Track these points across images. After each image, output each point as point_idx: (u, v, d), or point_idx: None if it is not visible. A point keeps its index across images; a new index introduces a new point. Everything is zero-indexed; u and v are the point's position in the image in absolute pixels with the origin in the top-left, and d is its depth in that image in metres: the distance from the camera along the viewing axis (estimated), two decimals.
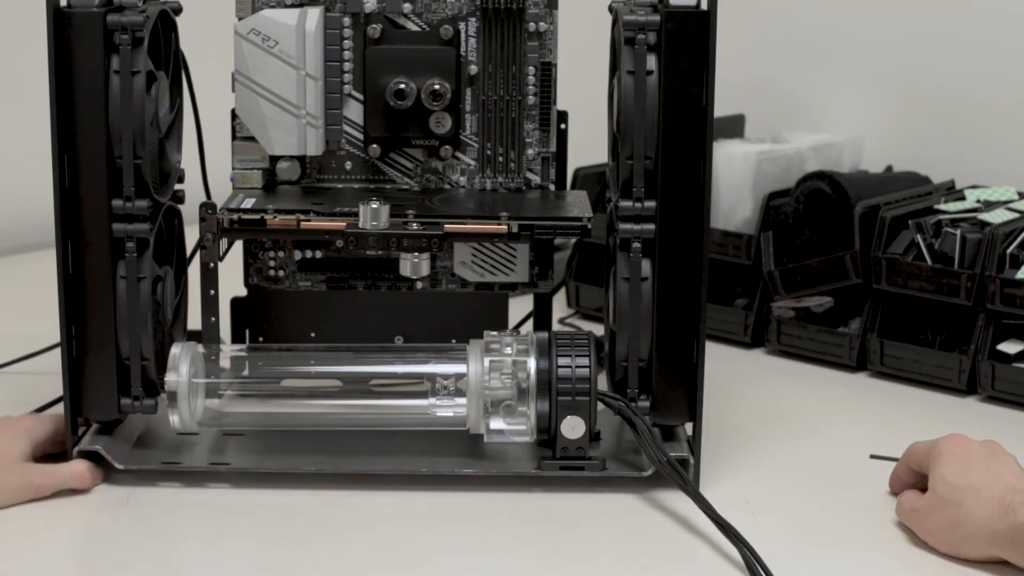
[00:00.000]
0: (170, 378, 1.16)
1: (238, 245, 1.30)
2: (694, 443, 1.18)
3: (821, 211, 1.55)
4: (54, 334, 1.19)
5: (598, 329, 1.41)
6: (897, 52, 1.87)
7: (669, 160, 1.15)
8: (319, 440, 1.21)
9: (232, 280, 1.30)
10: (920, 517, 1.08)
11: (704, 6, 1.14)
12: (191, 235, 1.26)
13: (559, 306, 1.58)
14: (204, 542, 1.09)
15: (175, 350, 1.17)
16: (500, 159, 1.28)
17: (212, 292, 1.21)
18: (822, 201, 1.55)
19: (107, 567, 1.04)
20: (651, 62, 1.14)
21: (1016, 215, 1.46)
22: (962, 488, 1.05)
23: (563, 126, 1.29)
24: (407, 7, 1.26)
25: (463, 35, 1.26)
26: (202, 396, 1.18)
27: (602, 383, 1.20)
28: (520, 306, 1.41)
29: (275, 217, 1.19)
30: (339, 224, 1.18)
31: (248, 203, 1.22)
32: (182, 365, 1.17)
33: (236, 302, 1.32)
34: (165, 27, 1.21)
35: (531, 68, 1.27)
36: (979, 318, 1.40)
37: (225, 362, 1.20)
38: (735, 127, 1.80)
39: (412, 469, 1.18)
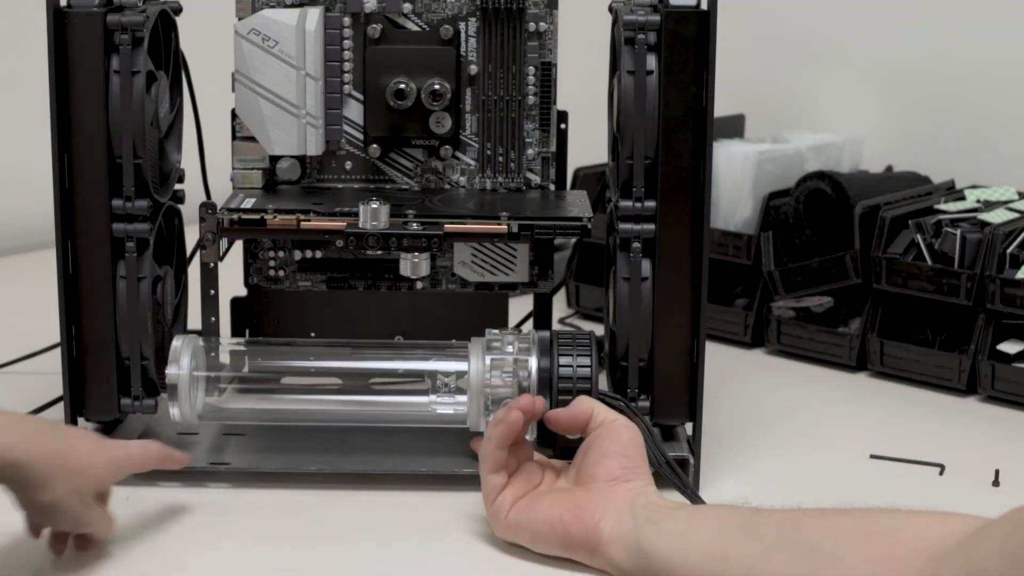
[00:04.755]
0: (171, 371, 1.16)
1: (238, 245, 1.30)
2: (694, 443, 1.18)
3: (821, 211, 1.55)
4: (54, 334, 1.19)
5: (598, 329, 1.41)
6: (897, 52, 1.87)
7: (669, 160, 1.15)
8: (319, 439, 1.22)
9: (232, 280, 1.30)
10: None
11: (704, 6, 1.14)
12: (191, 235, 1.26)
13: (559, 306, 1.58)
14: (204, 542, 1.08)
15: (176, 343, 1.17)
16: (500, 159, 1.28)
17: (212, 292, 1.21)
18: (822, 201, 1.55)
19: (107, 567, 1.04)
20: (651, 62, 1.14)
21: (1016, 215, 1.46)
22: None
23: (563, 126, 1.29)
24: (407, 7, 1.25)
25: (463, 35, 1.26)
26: (202, 390, 1.19)
27: (602, 383, 1.20)
28: (520, 306, 1.41)
29: (275, 217, 1.19)
30: (339, 224, 1.18)
31: (248, 203, 1.22)
32: (183, 358, 1.17)
33: (236, 302, 1.32)
34: (165, 27, 1.22)
35: (531, 68, 1.27)
36: (979, 318, 1.40)
37: (225, 357, 1.20)
38: (735, 127, 1.80)
39: (412, 469, 1.18)
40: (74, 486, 1.00)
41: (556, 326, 1.52)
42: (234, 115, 1.26)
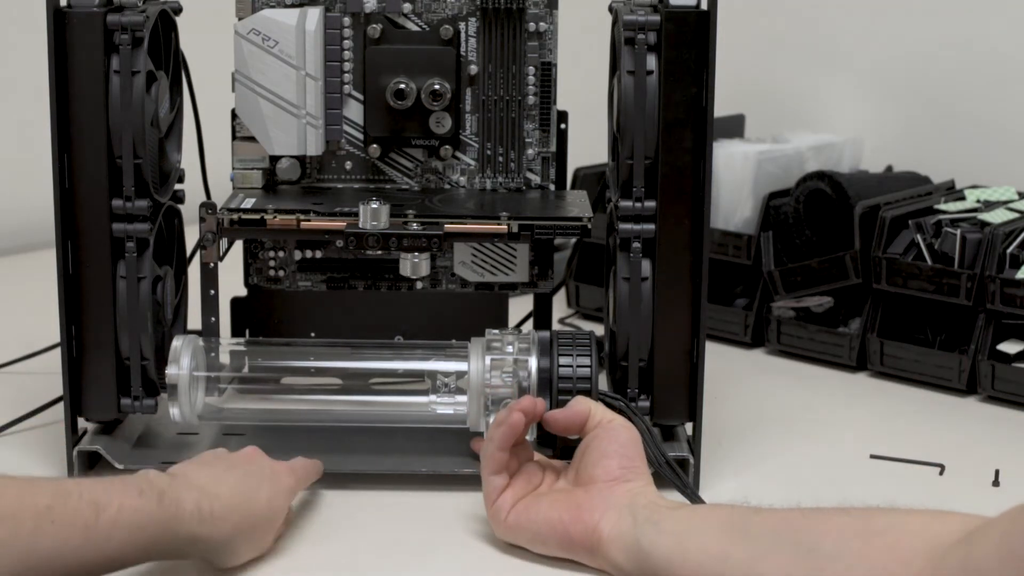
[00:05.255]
0: (171, 371, 1.16)
1: (238, 245, 1.30)
2: (694, 443, 1.18)
3: (821, 211, 1.55)
4: (54, 334, 1.19)
5: (598, 329, 1.41)
6: (897, 52, 1.87)
7: (669, 160, 1.15)
8: (319, 440, 1.21)
9: (232, 280, 1.30)
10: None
11: (704, 6, 1.14)
12: (191, 235, 1.26)
13: (559, 306, 1.58)
14: None
15: (176, 343, 1.17)
16: (500, 159, 1.28)
17: (212, 292, 1.21)
18: (822, 201, 1.55)
19: None
20: (651, 62, 1.14)
21: (1016, 215, 1.46)
22: None
23: (563, 126, 1.29)
24: (407, 7, 1.26)
25: (463, 35, 1.26)
26: (202, 390, 1.19)
27: (602, 383, 1.20)
28: (520, 306, 1.41)
29: (275, 217, 1.19)
30: (339, 224, 1.18)
31: (248, 203, 1.22)
32: (183, 358, 1.17)
33: (236, 302, 1.32)
34: (165, 27, 1.22)
35: (531, 68, 1.27)
36: (979, 318, 1.40)
37: (225, 356, 1.20)
38: (735, 127, 1.80)
39: (412, 469, 1.18)
40: (259, 541, 1.03)
41: (556, 326, 1.52)
42: (234, 115, 1.26)
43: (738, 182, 1.60)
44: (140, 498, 0.93)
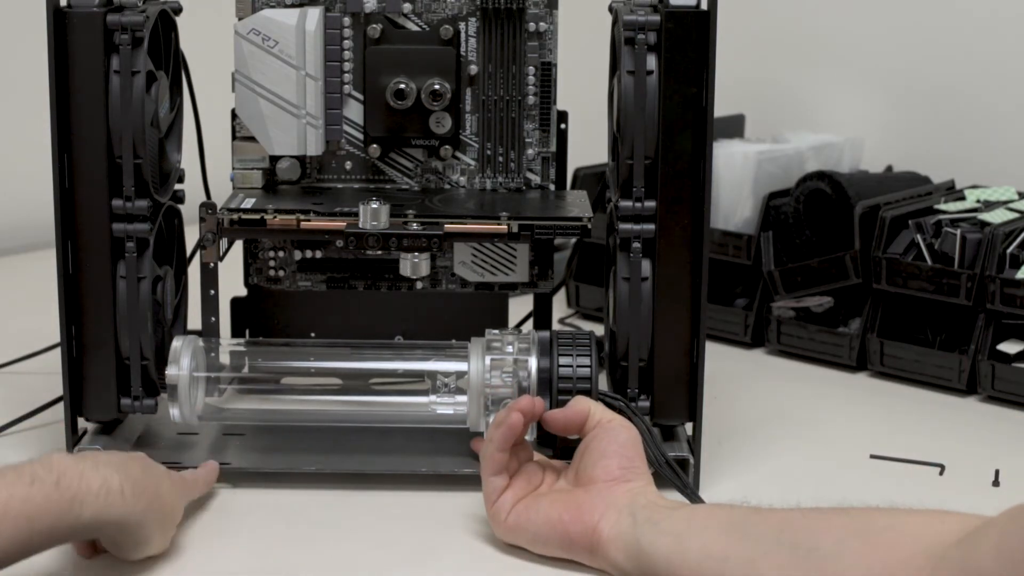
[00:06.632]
0: (171, 371, 1.16)
1: (238, 245, 1.30)
2: (694, 443, 1.18)
3: (821, 211, 1.55)
4: (54, 334, 1.19)
5: (598, 329, 1.41)
6: (898, 52, 1.87)
7: (669, 160, 1.15)
8: (319, 439, 1.22)
9: (232, 280, 1.30)
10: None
11: (704, 6, 1.14)
12: (191, 235, 1.26)
13: (559, 306, 1.58)
14: (204, 542, 1.08)
15: (176, 343, 1.17)
16: (500, 159, 1.28)
17: (212, 292, 1.21)
18: (822, 201, 1.55)
19: (106, 567, 1.04)
20: (651, 62, 1.14)
21: (1016, 215, 1.46)
22: None
23: (563, 126, 1.29)
24: (407, 7, 1.26)
25: (463, 35, 1.26)
26: (202, 390, 1.19)
27: (602, 383, 1.20)
28: (520, 306, 1.41)
29: (275, 217, 1.19)
30: (339, 224, 1.18)
31: (248, 203, 1.22)
32: (183, 358, 1.17)
33: (236, 302, 1.32)
34: (165, 27, 1.22)
35: (531, 68, 1.27)
36: (979, 318, 1.40)
37: (225, 357, 1.20)
38: (735, 127, 1.80)
39: (412, 469, 1.18)
40: (166, 531, 1.04)
41: (556, 326, 1.52)
42: (234, 115, 1.26)
43: (738, 182, 1.60)
44: (32, 486, 0.92)
